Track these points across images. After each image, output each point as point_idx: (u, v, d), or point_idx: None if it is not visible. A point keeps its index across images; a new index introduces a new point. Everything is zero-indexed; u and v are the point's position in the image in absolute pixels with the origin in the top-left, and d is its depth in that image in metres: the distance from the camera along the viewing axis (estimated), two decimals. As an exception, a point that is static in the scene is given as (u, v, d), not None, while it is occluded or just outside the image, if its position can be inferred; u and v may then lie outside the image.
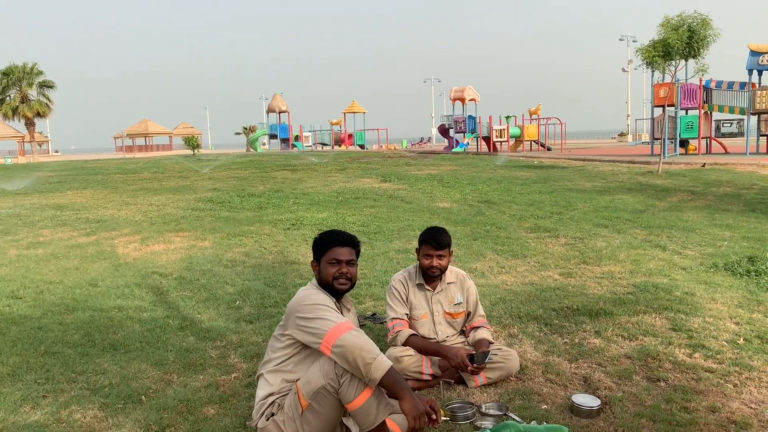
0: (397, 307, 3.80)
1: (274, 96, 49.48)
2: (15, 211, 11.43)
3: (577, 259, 6.74)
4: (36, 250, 7.96)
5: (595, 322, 4.66)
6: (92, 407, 3.46)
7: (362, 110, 49.27)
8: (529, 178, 15.75)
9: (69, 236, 8.85)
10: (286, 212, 10.47)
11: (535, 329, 4.56)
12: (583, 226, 8.76)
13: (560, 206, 10.69)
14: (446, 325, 3.88)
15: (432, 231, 3.78)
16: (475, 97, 36.45)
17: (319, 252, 3.06)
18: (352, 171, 18.99)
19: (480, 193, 12.74)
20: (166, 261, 7.16)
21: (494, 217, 9.70)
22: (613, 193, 12.42)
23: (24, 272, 6.72)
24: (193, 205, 11.71)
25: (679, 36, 16.24)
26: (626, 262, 6.51)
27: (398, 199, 12.08)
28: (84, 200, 13.18)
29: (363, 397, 2.67)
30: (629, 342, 4.25)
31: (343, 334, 2.68)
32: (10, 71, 49.44)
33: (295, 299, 2.95)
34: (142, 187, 16.17)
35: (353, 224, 9.13)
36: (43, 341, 4.52)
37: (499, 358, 3.66)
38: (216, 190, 14.25)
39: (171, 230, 9.04)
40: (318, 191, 13.53)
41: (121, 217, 10.57)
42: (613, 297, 5.23)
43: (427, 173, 17.48)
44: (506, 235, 8.23)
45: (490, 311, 4.93)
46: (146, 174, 21.38)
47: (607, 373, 3.74)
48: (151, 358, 4.19)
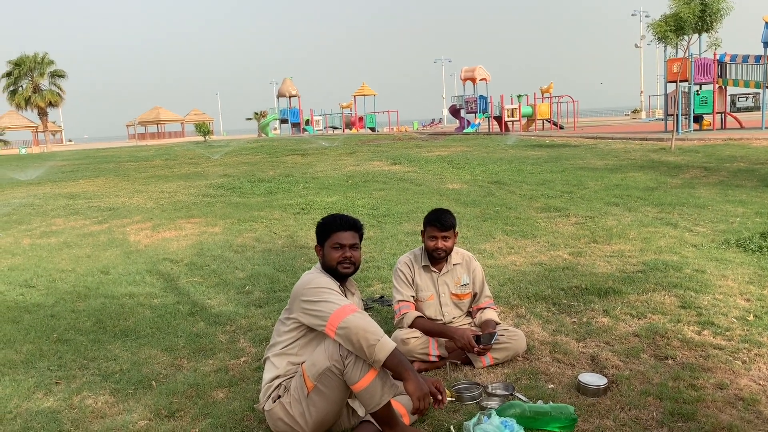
0: (403, 289, 3.81)
1: (284, 81, 49.40)
2: (28, 201, 11.55)
3: (587, 238, 6.71)
4: (49, 239, 8.05)
5: (603, 301, 4.64)
6: (103, 393, 3.51)
7: (372, 93, 49.08)
8: (541, 158, 15.66)
9: (81, 225, 8.94)
10: (296, 197, 10.50)
11: (543, 309, 4.55)
12: (593, 204, 8.70)
13: (571, 185, 10.62)
14: (453, 306, 3.88)
15: (436, 212, 3.77)
16: (486, 76, 36.18)
17: (322, 237, 3.07)
18: (362, 154, 18.97)
19: (490, 174, 12.68)
20: (177, 247, 7.22)
21: (504, 198, 9.67)
22: (624, 170, 12.31)
23: (37, 261, 6.81)
24: (204, 192, 11.77)
25: (692, 10, 15.97)
26: (636, 241, 6.47)
27: (408, 181, 12.07)
28: (96, 189, 13.29)
29: (368, 378, 2.68)
30: (638, 320, 4.23)
31: (347, 316, 2.69)
32: (21, 61, 49.74)
33: (299, 283, 2.97)
34: (154, 174, 16.27)
35: (363, 207, 9.14)
36: (55, 329, 4.58)
37: (506, 339, 3.66)
38: (227, 176, 14.30)
39: (182, 217, 9.10)
40: (328, 175, 13.54)
41: (133, 204, 10.64)
42: (623, 275, 5.20)
43: (437, 155, 17.43)
44: (516, 215, 8.20)
45: (498, 292, 4.93)
46: (158, 161, 21.48)
47: (614, 352, 3.73)
48: (161, 344, 4.23)
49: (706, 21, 16.27)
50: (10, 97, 50.40)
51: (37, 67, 50.23)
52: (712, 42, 16.62)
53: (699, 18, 16.16)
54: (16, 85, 50.54)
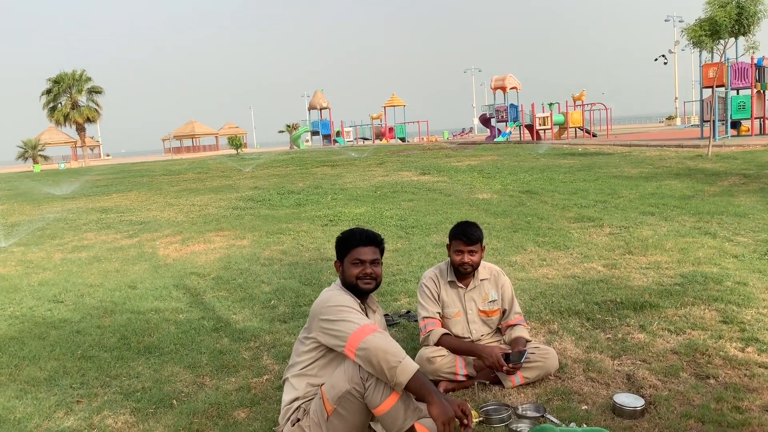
0: (428, 305, 3.69)
1: (315, 93, 49.73)
2: (62, 216, 11.71)
3: (622, 249, 6.49)
4: (80, 253, 8.11)
5: (639, 315, 4.45)
6: (124, 412, 3.46)
7: (402, 103, 49.11)
8: (573, 166, 15.37)
9: (112, 239, 9.01)
10: (324, 208, 10.45)
11: (576, 324, 4.38)
12: (628, 214, 8.47)
13: (605, 194, 10.37)
14: (480, 323, 3.74)
15: (462, 226, 3.64)
16: (516, 85, 35.90)
17: (342, 252, 2.97)
18: (391, 164, 18.89)
19: (521, 183, 12.48)
20: (205, 261, 7.20)
21: (536, 208, 9.47)
22: (660, 179, 12.00)
23: (67, 276, 6.85)
24: (234, 204, 11.80)
25: (727, 13, 15.56)
26: (673, 251, 6.23)
27: (437, 191, 11.93)
28: (128, 203, 13.43)
29: (390, 402, 2.57)
30: (676, 336, 4.04)
31: (367, 337, 2.58)
32: (60, 79, 50.94)
33: (318, 301, 2.87)
34: (186, 187, 16.40)
35: (391, 218, 9.04)
36: (80, 345, 4.56)
37: (537, 357, 3.51)
38: (257, 189, 14.34)
39: (211, 230, 9.11)
40: (357, 186, 13.47)
41: (164, 218, 10.71)
42: (659, 288, 5.00)
43: (467, 164, 17.25)
44: (548, 225, 8.01)
45: (529, 306, 4.77)
46: (190, 175, 21.70)
47: (652, 371, 3.55)
48: (184, 361, 4.18)
49: (742, 24, 15.84)
50: (49, 113, 51.62)
51: (75, 84, 51.38)
52: (749, 46, 16.17)
53: (735, 21, 15.74)
54: (55, 101, 51.73)
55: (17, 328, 5.09)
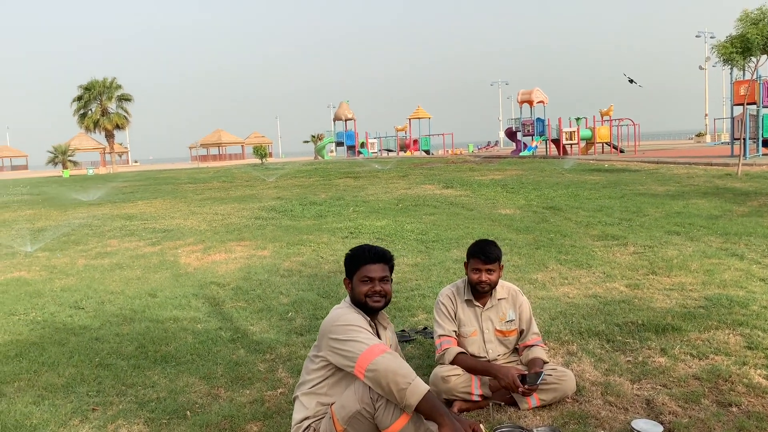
0: (444, 323, 3.65)
1: (340, 104, 50.01)
2: (87, 222, 11.89)
3: (646, 269, 6.39)
4: (102, 260, 8.21)
5: (661, 338, 4.36)
6: (138, 422, 3.46)
7: (427, 115, 49.15)
8: (599, 183, 15.21)
9: (135, 246, 9.10)
10: (346, 220, 10.45)
11: (596, 346, 4.30)
12: (653, 233, 8.33)
13: (630, 212, 10.23)
14: (497, 343, 3.69)
15: (481, 244, 3.60)
16: (543, 99, 35.72)
17: (351, 269, 2.95)
18: (414, 177, 18.88)
19: (545, 199, 12.37)
20: (225, 271, 7.23)
21: (559, 224, 9.37)
22: (687, 197, 11.81)
23: (89, 282, 6.93)
24: (257, 214, 11.87)
25: (760, 30, 15.34)
26: (699, 273, 6.11)
27: (459, 206, 11.88)
28: (153, 210, 13.59)
29: (400, 423, 2.54)
30: (699, 361, 3.94)
31: (376, 358, 2.55)
32: (91, 86, 51.96)
33: (327, 319, 2.85)
34: (210, 196, 16.56)
35: (411, 232, 9.01)
36: (98, 352, 4.60)
37: (554, 379, 3.45)
38: (279, 199, 14.42)
39: (233, 239, 9.16)
40: (378, 198, 13.47)
41: (187, 226, 10.80)
42: (683, 311, 4.89)
43: (490, 178, 17.18)
44: (571, 243, 7.92)
45: (548, 326, 4.70)
46: (215, 183, 21.91)
47: (672, 396, 3.47)
48: (200, 371, 4.18)
49: (775, 42, 15.60)
50: (80, 120, 52.63)
51: (106, 91, 52.36)
52: (781, 63, 15.91)
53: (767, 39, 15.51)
54: (85, 108, 52.75)
55: (38, 333, 5.15)
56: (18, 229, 11.51)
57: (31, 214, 14.42)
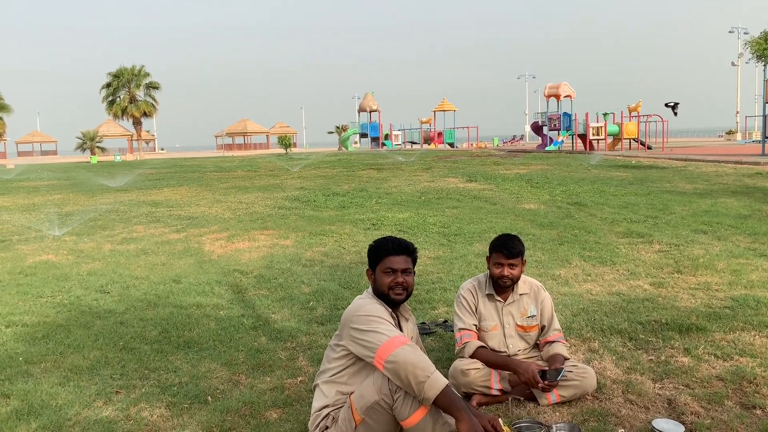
0: (465, 317, 3.64)
1: (365, 95, 50.02)
2: (114, 207, 12.06)
3: (671, 268, 6.30)
4: (128, 245, 8.32)
5: (685, 338, 4.30)
6: (160, 406, 3.52)
7: (452, 108, 48.96)
8: (625, 179, 15.03)
9: (160, 232, 9.21)
10: (368, 212, 10.47)
11: (618, 344, 4.26)
12: (680, 231, 8.22)
13: (656, 209, 10.10)
14: (518, 338, 3.67)
15: (503, 238, 3.58)
16: (570, 93, 35.37)
17: (374, 261, 2.96)
18: (437, 170, 18.82)
19: (570, 195, 12.26)
20: (249, 259, 7.29)
21: (584, 221, 9.28)
22: (715, 196, 11.61)
23: (114, 267, 7.03)
24: (280, 204, 11.94)
25: (795, 26, 15.00)
26: (725, 273, 6.02)
27: (482, 199, 11.82)
28: (179, 197, 13.73)
29: (418, 415, 2.54)
30: (723, 362, 3.89)
31: (396, 349, 2.56)
32: (120, 73, 52.45)
33: (349, 309, 2.86)
34: (235, 185, 16.68)
35: (434, 225, 8.99)
36: (122, 336, 4.67)
37: (574, 375, 3.42)
38: (303, 189, 14.48)
39: (257, 228, 9.23)
40: (401, 191, 13.46)
41: (212, 214, 10.91)
42: (708, 311, 4.83)
43: (515, 173, 17.06)
44: (595, 239, 7.84)
45: (570, 323, 4.67)
46: (240, 172, 22.07)
47: (695, 396, 3.42)
48: (222, 358, 4.23)
49: (811, 38, 15.24)
50: (108, 106, 53.20)
51: (134, 78, 52.80)
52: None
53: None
54: (114, 95, 53.25)
55: (65, 316, 5.25)
56: (47, 213, 11.72)
57: (60, 198, 14.66)
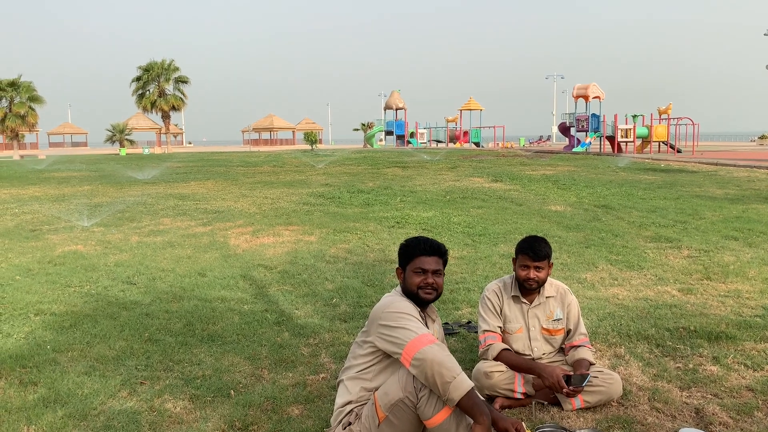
0: (490, 318, 3.61)
1: (392, 93, 49.98)
2: (142, 200, 12.20)
3: (700, 274, 6.19)
4: (155, 237, 8.41)
5: (714, 346, 4.22)
6: (183, 398, 3.54)
7: (479, 107, 48.72)
8: (654, 183, 14.83)
9: (186, 225, 9.30)
10: (393, 210, 10.45)
11: (644, 350, 4.20)
12: (709, 237, 8.07)
13: (686, 214, 9.94)
14: (543, 341, 3.63)
15: (530, 240, 3.54)
16: (599, 94, 34.98)
17: (405, 260, 2.94)
18: (462, 169, 18.74)
19: (598, 197, 12.12)
20: (273, 254, 7.32)
21: (611, 224, 9.17)
22: (747, 201, 11.39)
23: (141, 259, 7.11)
24: (305, 200, 11.98)
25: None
26: (757, 280, 5.89)
27: (508, 200, 11.74)
28: (205, 191, 13.86)
29: (442, 415, 2.52)
30: (753, 372, 3.80)
31: (424, 347, 2.54)
32: (150, 67, 53.12)
33: (379, 305, 2.86)
34: (260, 180, 16.79)
35: (458, 225, 8.95)
36: (148, 328, 4.71)
37: (600, 381, 3.38)
38: (328, 185, 14.52)
39: (281, 224, 9.27)
40: (426, 189, 13.43)
41: (237, 208, 10.98)
42: (738, 319, 4.73)
43: (541, 174, 16.92)
44: (623, 243, 7.74)
45: (596, 327, 4.61)
46: (266, 168, 22.21)
47: (723, 406, 3.35)
48: (245, 352, 4.25)
49: None
50: (138, 100, 53.95)
51: (164, 73, 53.46)
52: None
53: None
54: (144, 89, 53.98)
55: (92, 306, 5.32)
56: (76, 204, 11.90)
57: (89, 189, 14.89)
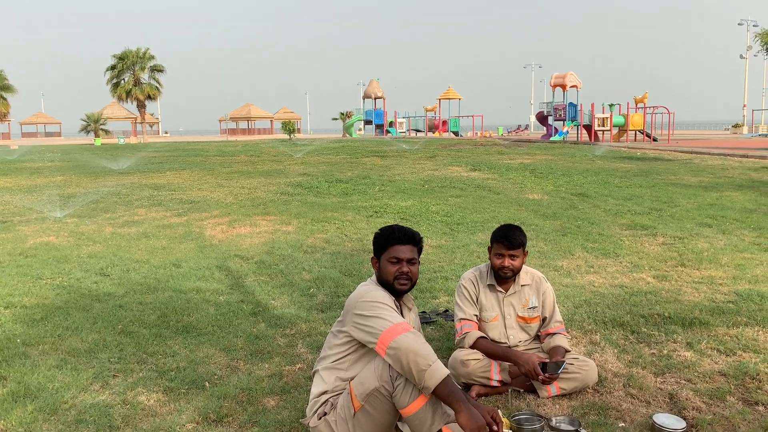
0: (466, 307, 3.60)
1: (370, 82, 49.83)
2: (116, 190, 12.03)
3: (675, 261, 6.26)
4: (129, 228, 8.30)
5: (688, 332, 4.26)
6: (157, 390, 3.49)
7: (458, 96, 48.75)
8: (630, 171, 14.96)
9: (162, 216, 9.19)
10: (371, 199, 10.42)
11: (619, 337, 4.23)
12: (684, 224, 8.16)
13: (661, 202, 10.04)
14: (519, 329, 3.64)
15: (505, 229, 3.53)
16: (577, 83, 35.17)
17: (380, 249, 2.92)
18: (441, 159, 18.75)
19: (574, 185, 12.19)
20: (250, 244, 7.26)
21: (587, 212, 9.23)
22: (721, 189, 11.54)
23: (115, 250, 7.01)
24: (283, 189, 11.89)
25: (806, 19, 14.86)
26: (729, 267, 5.97)
27: (486, 189, 11.77)
28: (181, 181, 13.70)
29: (418, 404, 2.51)
30: (726, 357, 3.85)
31: (399, 336, 2.53)
32: (124, 56, 52.32)
33: (353, 295, 2.83)
34: (237, 170, 16.64)
35: (436, 214, 8.95)
36: (121, 320, 4.64)
37: (576, 368, 3.39)
38: (306, 175, 14.43)
39: (258, 213, 9.19)
40: (405, 179, 13.41)
41: (213, 198, 10.87)
42: (711, 305, 4.78)
43: (519, 162, 16.99)
44: (599, 231, 7.79)
45: (572, 314, 4.63)
46: (243, 157, 22.02)
47: (696, 392, 3.39)
48: (220, 343, 4.20)
49: (821, 32, 15.09)
50: (113, 89, 53.12)
51: (139, 61, 52.68)
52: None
53: (814, 28, 15.01)
54: (118, 78, 53.17)
55: (64, 298, 5.23)
56: (49, 195, 11.70)
57: (62, 180, 14.64)
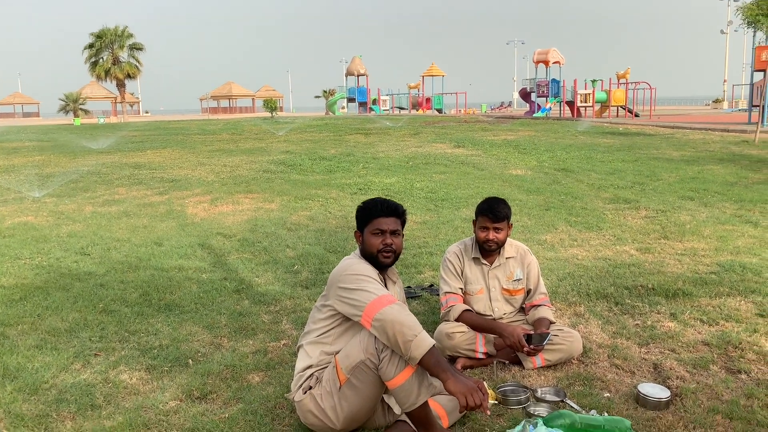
0: (451, 280, 3.58)
1: (353, 59, 49.41)
2: (96, 169, 11.85)
3: (657, 234, 6.29)
4: (110, 207, 8.18)
5: (671, 303, 4.29)
6: (140, 368, 3.45)
7: (441, 73, 48.54)
8: (612, 146, 15.02)
9: (143, 195, 9.07)
10: (355, 177, 10.36)
11: (603, 308, 4.24)
12: (666, 197, 8.21)
13: (643, 176, 10.09)
14: (503, 302, 3.63)
15: (489, 201, 3.51)
16: (560, 59, 35.15)
17: (363, 222, 2.88)
18: (425, 136, 18.69)
19: (558, 161, 12.21)
20: (232, 222, 7.19)
21: (571, 186, 9.25)
22: (702, 163, 11.62)
23: (95, 229, 6.91)
24: (266, 167, 11.79)
25: (787, -7, 14.88)
26: (711, 239, 6.01)
27: (470, 165, 11.75)
28: (162, 160, 13.53)
29: (404, 376, 2.50)
30: (708, 327, 3.88)
31: (384, 308, 2.50)
32: (102, 34, 51.31)
33: (337, 269, 2.80)
34: (219, 148, 16.46)
35: (421, 190, 8.92)
36: (102, 299, 4.58)
37: (560, 340, 3.40)
38: (289, 153, 14.31)
39: (241, 191, 9.11)
40: (389, 156, 13.35)
41: (195, 177, 10.75)
42: (694, 276, 4.81)
43: (503, 139, 16.98)
44: (582, 205, 7.81)
45: (556, 287, 4.64)
46: (224, 135, 21.79)
47: (680, 361, 3.41)
48: (203, 321, 4.16)
49: (802, 5, 15.14)
50: (91, 68, 52.15)
51: (117, 40, 51.70)
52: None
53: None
54: (97, 56, 52.16)
55: (43, 278, 5.14)
56: (27, 175, 11.50)
57: (41, 160, 14.40)
